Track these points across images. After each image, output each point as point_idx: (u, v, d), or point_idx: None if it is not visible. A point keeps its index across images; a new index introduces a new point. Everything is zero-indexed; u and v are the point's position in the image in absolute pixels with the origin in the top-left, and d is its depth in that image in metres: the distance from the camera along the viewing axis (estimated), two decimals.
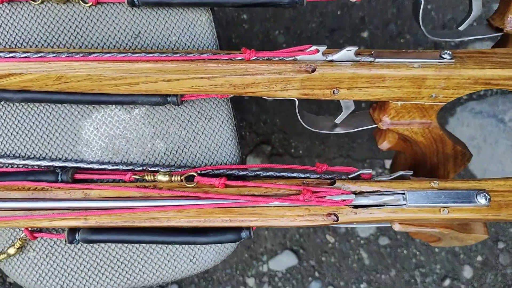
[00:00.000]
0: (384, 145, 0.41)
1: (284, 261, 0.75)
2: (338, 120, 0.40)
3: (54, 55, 0.33)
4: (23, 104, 0.37)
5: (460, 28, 0.41)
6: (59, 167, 0.36)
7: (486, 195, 0.33)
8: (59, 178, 0.35)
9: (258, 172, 0.37)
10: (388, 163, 0.77)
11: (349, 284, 0.76)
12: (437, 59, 0.34)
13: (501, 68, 0.34)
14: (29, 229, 0.36)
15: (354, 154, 0.77)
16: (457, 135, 0.43)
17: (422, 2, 0.38)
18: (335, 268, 0.76)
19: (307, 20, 0.79)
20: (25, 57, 0.33)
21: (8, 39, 0.37)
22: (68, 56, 0.33)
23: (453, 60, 0.34)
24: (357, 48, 0.34)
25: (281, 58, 0.34)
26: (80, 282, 0.37)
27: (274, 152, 0.76)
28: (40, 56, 0.33)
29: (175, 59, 0.33)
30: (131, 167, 0.36)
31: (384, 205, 0.34)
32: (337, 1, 0.79)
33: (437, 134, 0.38)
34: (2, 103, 0.37)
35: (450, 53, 0.34)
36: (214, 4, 0.36)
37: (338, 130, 0.40)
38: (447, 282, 0.76)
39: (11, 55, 0.33)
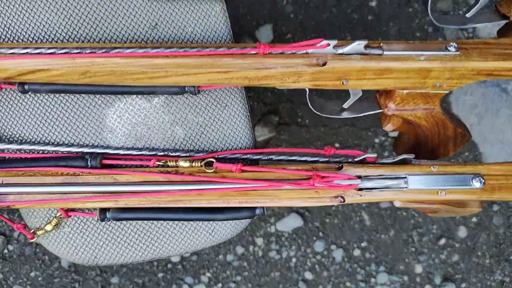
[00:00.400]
0: (389, 127, 0.44)
1: (291, 223, 0.81)
2: (346, 105, 0.42)
3: (78, 50, 0.35)
4: (49, 94, 0.39)
5: (468, 15, 0.42)
6: (88, 153, 0.39)
7: (481, 179, 0.36)
8: (89, 163, 0.38)
9: (271, 156, 0.40)
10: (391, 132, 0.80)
11: (350, 243, 0.81)
12: (443, 51, 0.36)
13: (503, 60, 0.36)
14: (64, 209, 0.39)
15: (358, 123, 0.79)
16: (459, 103, 0.45)
17: None
18: (338, 228, 0.81)
19: None
20: (51, 53, 0.35)
21: (31, 32, 0.38)
22: (91, 52, 0.35)
23: (458, 52, 0.36)
24: (367, 41, 0.35)
25: (293, 52, 0.35)
26: (111, 253, 0.42)
27: (281, 122, 0.78)
28: (65, 52, 0.35)
29: (193, 54, 0.35)
30: (154, 153, 0.39)
31: (387, 188, 0.37)
32: None
33: (439, 119, 0.41)
34: (30, 93, 0.39)
35: (456, 45, 0.36)
36: None
37: (345, 115, 0.42)
38: (442, 241, 0.81)
39: (37, 51, 0.35)
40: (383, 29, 0.78)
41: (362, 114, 0.42)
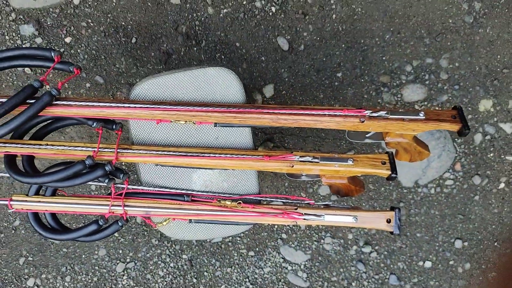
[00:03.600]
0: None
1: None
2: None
3: (184, 153, 0.81)
4: (169, 167, 0.85)
5: (367, 136, 0.87)
6: (184, 193, 0.86)
7: (352, 160, 0.85)
8: (185, 198, 0.85)
9: (267, 198, 0.88)
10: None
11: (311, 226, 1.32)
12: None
13: (370, 168, 0.82)
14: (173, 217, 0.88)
15: (322, 148, 1.26)
16: None
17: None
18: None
19: (303, 63, 1.19)
20: (172, 154, 0.81)
21: (165, 139, 0.84)
22: (188, 155, 0.80)
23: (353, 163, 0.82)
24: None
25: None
26: (186, 235, 0.91)
27: (275, 145, 1.25)
28: (179, 154, 0.81)
29: (233, 158, 0.81)
30: (214, 195, 0.87)
31: (314, 218, 0.85)
32: (324, 50, 1.18)
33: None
34: (160, 166, 0.85)
35: (352, 160, 0.82)
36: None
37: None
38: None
39: (165, 152, 0.80)
40: (344, 91, 1.22)
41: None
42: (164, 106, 0.79)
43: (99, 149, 0.80)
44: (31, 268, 1.33)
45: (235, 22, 1.15)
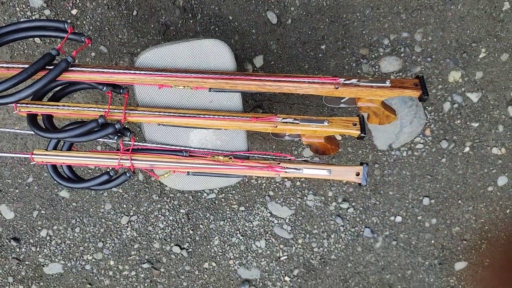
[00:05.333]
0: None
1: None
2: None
3: (182, 115, 0.94)
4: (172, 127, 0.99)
5: (342, 101, 1.00)
6: (183, 150, 1.00)
7: (327, 122, 0.99)
8: (183, 154, 0.99)
9: (254, 154, 1.02)
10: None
11: (295, 179, 1.47)
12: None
13: (341, 128, 0.96)
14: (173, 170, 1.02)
15: (307, 115, 1.39)
16: None
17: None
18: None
19: (290, 36, 1.31)
20: (172, 115, 0.93)
21: (166, 102, 0.96)
22: (186, 116, 0.93)
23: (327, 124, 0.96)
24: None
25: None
26: (185, 185, 1.05)
27: (263, 112, 1.38)
28: (179, 115, 0.93)
29: (225, 119, 0.94)
30: (209, 151, 1.00)
31: (294, 171, 0.99)
32: (309, 24, 1.29)
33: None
34: (162, 126, 0.98)
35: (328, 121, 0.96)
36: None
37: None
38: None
39: (167, 113, 0.93)
40: (327, 63, 1.34)
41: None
42: (165, 73, 0.91)
43: (109, 110, 0.92)
44: (44, 220, 1.48)
45: None
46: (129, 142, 0.97)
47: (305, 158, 1.02)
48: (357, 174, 1.00)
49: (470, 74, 1.38)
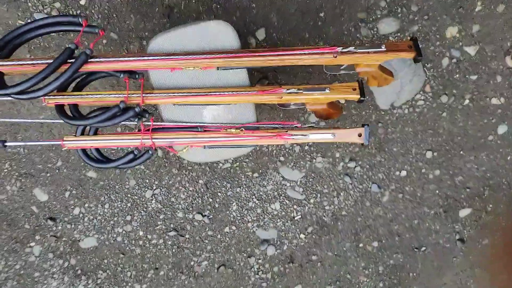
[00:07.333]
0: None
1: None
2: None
3: (194, 94, 1.02)
4: (184, 105, 1.07)
5: (341, 68, 1.07)
6: (198, 126, 1.09)
7: (329, 89, 1.07)
8: (199, 129, 1.08)
9: (263, 125, 1.10)
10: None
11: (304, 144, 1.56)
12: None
13: (343, 94, 1.03)
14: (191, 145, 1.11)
15: (310, 82, 1.46)
16: None
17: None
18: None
19: (289, 7, 1.35)
20: (190, 95, 1.02)
21: (178, 84, 1.04)
22: (198, 95, 1.02)
23: (328, 90, 1.03)
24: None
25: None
26: (201, 157, 1.15)
27: (269, 82, 1.45)
28: (192, 94, 1.02)
29: (233, 95, 1.02)
30: (222, 125, 1.09)
31: (302, 137, 1.08)
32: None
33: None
34: (177, 106, 1.07)
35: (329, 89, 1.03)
36: None
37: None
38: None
39: (186, 94, 1.02)
40: (327, 30, 1.39)
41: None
42: (175, 57, 0.99)
43: (128, 95, 1.01)
44: (75, 200, 1.61)
45: None
46: (148, 123, 1.06)
47: (311, 124, 1.10)
48: (360, 135, 1.09)
49: (467, 28, 1.42)
